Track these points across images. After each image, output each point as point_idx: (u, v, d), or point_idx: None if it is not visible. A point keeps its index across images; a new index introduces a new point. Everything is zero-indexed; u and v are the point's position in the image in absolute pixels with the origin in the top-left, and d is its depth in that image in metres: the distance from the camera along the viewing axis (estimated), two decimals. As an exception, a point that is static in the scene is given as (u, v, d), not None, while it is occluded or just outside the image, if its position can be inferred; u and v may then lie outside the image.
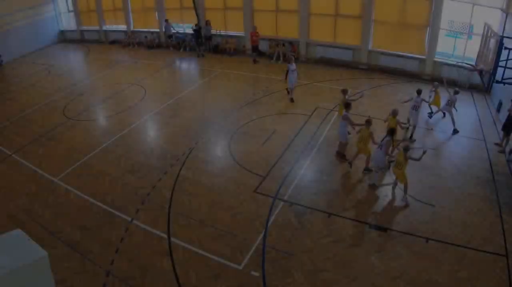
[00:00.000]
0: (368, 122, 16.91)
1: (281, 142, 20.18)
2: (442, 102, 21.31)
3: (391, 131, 16.59)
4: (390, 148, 16.67)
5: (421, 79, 29.22)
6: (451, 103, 20.72)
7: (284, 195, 16.36)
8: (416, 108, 19.75)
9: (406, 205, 15.92)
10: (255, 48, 33.42)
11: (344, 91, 20.65)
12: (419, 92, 19.97)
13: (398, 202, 16.12)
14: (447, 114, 21.32)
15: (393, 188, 16.50)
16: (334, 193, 16.64)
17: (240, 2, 34.61)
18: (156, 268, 12.90)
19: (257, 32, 32.84)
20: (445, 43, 31.36)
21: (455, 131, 20.62)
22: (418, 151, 17.48)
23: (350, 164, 17.82)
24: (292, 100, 24.58)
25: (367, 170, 17.57)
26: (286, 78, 24.07)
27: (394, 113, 18.17)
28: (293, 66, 23.64)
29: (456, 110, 20.97)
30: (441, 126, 21.43)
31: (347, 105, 18.41)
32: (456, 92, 20.84)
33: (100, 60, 36.44)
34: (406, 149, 15.53)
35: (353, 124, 18.15)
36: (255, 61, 33.55)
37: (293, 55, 23.37)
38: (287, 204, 15.86)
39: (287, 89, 24.96)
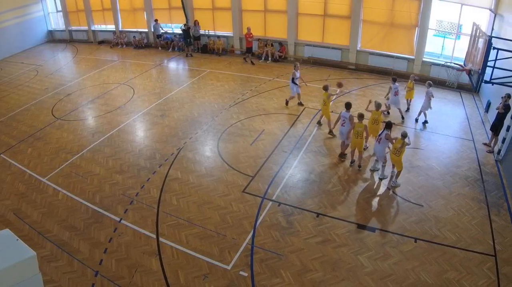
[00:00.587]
0: (361, 116, 17.22)
1: (270, 142, 20.23)
2: (420, 100, 21.69)
3: (389, 125, 16.76)
4: (388, 142, 16.92)
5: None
6: (430, 98, 21.23)
7: (273, 195, 16.39)
8: (396, 94, 20.96)
9: (395, 187, 16.58)
10: (249, 50, 33.47)
11: (325, 88, 20.86)
12: (394, 79, 21.16)
13: (387, 187, 16.77)
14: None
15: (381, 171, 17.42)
16: (322, 192, 16.63)
17: (228, 2, 34.67)
18: (144, 268, 12.90)
19: (252, 33, 32.87)
20: (434, 43, 31.54)
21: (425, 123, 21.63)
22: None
23: (354, 163, 18.25)
24: (301, 104, 24.31)
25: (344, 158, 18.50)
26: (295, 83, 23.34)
27: (378, 107, 18.44)
28: (298, 73, 23.06)
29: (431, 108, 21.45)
30: (430, 127, 21.50)
31: (348, 105, 18.48)
32: (429, 85, 21.42)
33: (89, 60, 36.37)
34: (405, 135, 15.89)
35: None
36: (252, 63, 33.58)
37: (297, 63, 22.81)
38: (275, 204, 15.88)
39: (287, 100, 24.30)
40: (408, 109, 24.17)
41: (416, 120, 21.80)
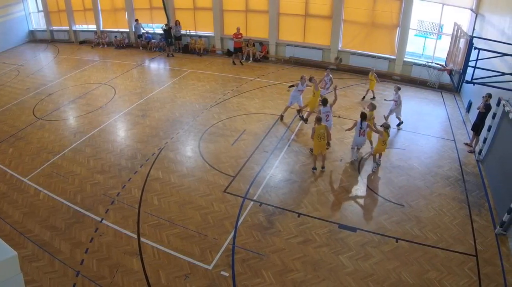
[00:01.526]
0: (318, 119, 17.26)
1: (251, 142, 20.28)
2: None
3: (364, 116, 17.28)
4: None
5: (391, 79, 29.50)
6: (399, 104, 21.23)
7: (254, 195, 16.42)
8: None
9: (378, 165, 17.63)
10: (239, 50, 33.45)
11: (311, 79, 21.72)
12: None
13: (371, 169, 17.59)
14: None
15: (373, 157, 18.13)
16: (303, 192, 16.69)
17: (210, 2, 34.70)
18: (126, 268, 12.87)
19: (241, 34, 32.88)
20: (415, 43, 31.73)
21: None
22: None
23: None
24: (304, 119, 22.83)
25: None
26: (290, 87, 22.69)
27: (373, 108, 18.85)
28: (300, 86, 22.18)
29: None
30: (412, 127, 21.64)
31: (324, 102, 18.92)
32: (398, 89, 21.41)
33: (70, 60, 36.16)
34: (387, 127, 16.90)
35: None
36: (241, 63, 33.63)
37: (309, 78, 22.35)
38: (256, 203, 15.92)
39: (282, 113, 23.03)
40: (363, 98, 25.50)
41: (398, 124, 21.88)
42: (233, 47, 33.35)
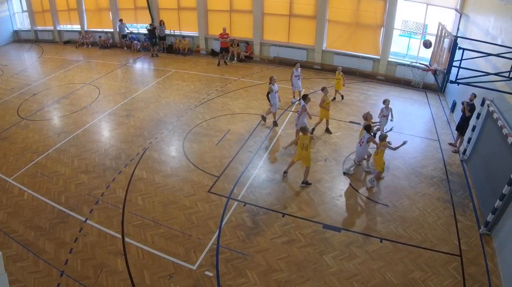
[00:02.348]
0: (304, 129, 16.58)
1: (235, 142, 20.32)
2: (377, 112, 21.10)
3: (367, 128, 17.09)
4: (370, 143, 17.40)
5: (375, 79, 29.61)
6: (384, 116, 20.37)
7: (238, 195, 16.46)
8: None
9: (372, 187, 17.00)
10: (225, 50, 33.44)
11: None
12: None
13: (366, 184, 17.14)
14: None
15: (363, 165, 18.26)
16: (288, 193, 16.74)
17: (194, 2, 34.74)
18: (110, 268, 12.83)
19: (227, 34, 32.86)
20: (399, 43, 31.84)
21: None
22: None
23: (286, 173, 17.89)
24: (276, 124, 22.57)
25: (304, 183, 17.40)
26: (269, 100, 21.93)
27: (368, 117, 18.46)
28: (275, 87, 21.82)
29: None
30: (396, 127, 21.64)
31: (304, 97, 19.15)
32: (385, 103, 20.31)
33: (54, 60, 35.95)
34: (384, 138, 16.27)
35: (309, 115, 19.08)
36: (226, 63, 33.63)
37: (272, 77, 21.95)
38: (241, 204, 15.95)
39: (263, 116, 22.73)
40: (334, 98, 25.36)
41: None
42: (220, 47, 33.27)
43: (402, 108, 24.78)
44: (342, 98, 25.93)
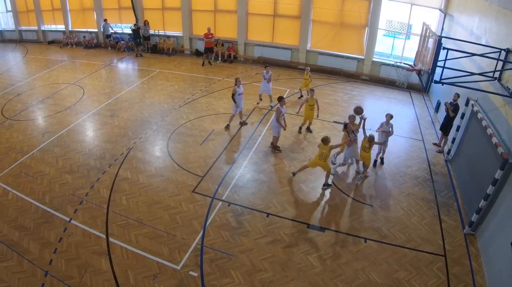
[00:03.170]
0: (325, 141, 16.32)
1: (220, 142, 20.36)
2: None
3: (345, 126, 17.48)
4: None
5: (360, 79, 29.77)
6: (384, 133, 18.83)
7: (223, 195, 16.46)
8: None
9: (366, 177, 17.63)
10: (210, 50, 33.47)
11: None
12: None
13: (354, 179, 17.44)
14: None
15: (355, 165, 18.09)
16: (272, 193, 16.75)
17: (178, 2, 34.80)
18: (94, 268, 12.78)
19: (212, 34, 32.88)
20: (384, 43, 31.99)
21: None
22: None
23: (294, 174, 17.78)
24: (245, 123, 22.68)
25: (326, 185, 17.27)
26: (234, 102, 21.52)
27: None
28: (241, 89, 21.55)
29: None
30: (379, 126, 21.77)
31: (280, 99, 18.92)
32: (390, 117, 18.82)
33: (39, 60, 35.71)
34: (372, 139, 16.87)
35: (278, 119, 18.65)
36: (210, 63, 33.65)
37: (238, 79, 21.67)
38: (225, 203, 15.95)
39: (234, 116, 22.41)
40: (301, 96, 25.73)
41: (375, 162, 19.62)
42: (204, 47, 33.27)
43: (386, 108, 24.74)
44: (301, 97, 26.16)
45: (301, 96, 26.00)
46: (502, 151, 12.84)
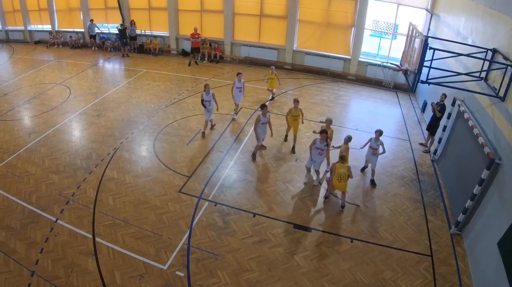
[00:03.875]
0: (342, 158, 15.53)
1: (206, 142, 20.37)
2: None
3: (323, 132, 16.50)
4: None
5: (346, 79, 29.84)
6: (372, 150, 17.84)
7: (209, 195, 16.49)
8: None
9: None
10: (196, 50, 33.48)
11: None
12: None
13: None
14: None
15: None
16: (259, 193, 16.80)
17: (165, 2, 34.76)
18: (81, 268, 12.76)
19: (199, 34, 32.87)
20: (370, 43, 32.08)
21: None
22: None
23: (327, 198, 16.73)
24: (203, 135, 21.26)
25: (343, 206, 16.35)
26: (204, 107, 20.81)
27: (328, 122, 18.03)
28: (209, 96, 20.58)
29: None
30: (366, 126, 21.82)
31: (262, 107, 18.54)
32: (380, 134, 17.52)
33: (25, 60, 35.50)
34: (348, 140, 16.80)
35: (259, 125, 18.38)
36: (196, 63, 33.70)
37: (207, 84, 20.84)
38: (212, 204, 15.97)
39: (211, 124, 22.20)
40: (272, 98, 25.50)
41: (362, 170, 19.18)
42: (190, 48, 33.27)
43: (372, 108, 25.00)
44: (272, 99, 26.05)
45: (272, 97, 25.92)
46: (488, 151, 12.91)
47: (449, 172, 17.67)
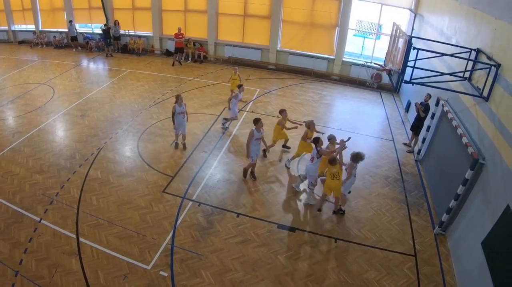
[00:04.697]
0: (332, 160, 15.06)
1: (190, 142, 20.31)
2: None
3: (316, 141, 16.14)
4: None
5: (330, 79, 29.93)
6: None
7: (193, 195, 16.49)
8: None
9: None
10: (180, 50, 33.43)
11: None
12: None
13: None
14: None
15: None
16: (242, 193, 16.83)
17: (148, 2, 34.69)
18: (64, 268, 12.71)
19: (182, 34, 32.81)
20: (354, 43, 32.21)
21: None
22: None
23: (320, 210, 16.35)
24: (182, 146, 20.22)
25: (336, 211, 16.10)
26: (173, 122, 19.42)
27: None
28: (182, 108, 18.98)
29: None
30: (350, 126, 21.88)
31: (255, 121, 17.12)
32: (355, 159, 15.73)
33: (9, 60, 35.23)
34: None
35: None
36: (180, 63, 33.66)
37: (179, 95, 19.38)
38: (195, 204, 15.99)
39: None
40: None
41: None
42: (174, 48, 33.31)
43: (356, 108, 25.11)
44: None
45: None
46: (472, 151, 12.98)
47: (433, 172, 17.76)
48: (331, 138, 16.52)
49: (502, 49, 12.93)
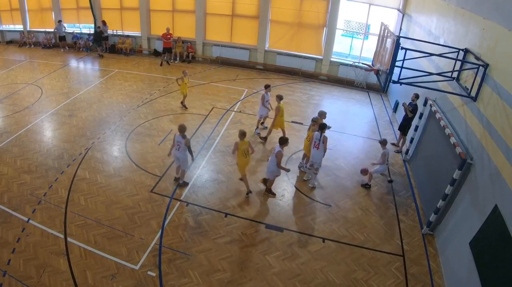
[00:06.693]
0: (242, 134, 15.73)
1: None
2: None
3: (323, 127, 16.72)
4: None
5: (318, 79, 29.97)
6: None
7: (181, 195, 16.50)
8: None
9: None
10: (168, 50, 33.43)
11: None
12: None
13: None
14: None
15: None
16: (230, 193, 16.83)
17: (136, 2, 34.62)
18: (52, 268, 12.66)
19: (171, 34, 32.79)
20: (342, 43, 32.28)
21: None
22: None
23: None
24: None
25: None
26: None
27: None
28: (179, 137, 16.90)
29: None
30: (338, 126, 21.88)
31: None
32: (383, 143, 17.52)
33: (-4, 60, 35.07)
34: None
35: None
36: (168, 63, 33.72)
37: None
38: (183, 203, 15.99)
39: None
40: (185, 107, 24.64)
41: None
42: (162, 48, 33.30)
43: (344, 108, 25.18)
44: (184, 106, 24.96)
45: (183, 100, 24.83)
46: (460, 151, 13.02)
47: (421, 172, 17.81)
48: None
49: (490, 49, 12.97)
